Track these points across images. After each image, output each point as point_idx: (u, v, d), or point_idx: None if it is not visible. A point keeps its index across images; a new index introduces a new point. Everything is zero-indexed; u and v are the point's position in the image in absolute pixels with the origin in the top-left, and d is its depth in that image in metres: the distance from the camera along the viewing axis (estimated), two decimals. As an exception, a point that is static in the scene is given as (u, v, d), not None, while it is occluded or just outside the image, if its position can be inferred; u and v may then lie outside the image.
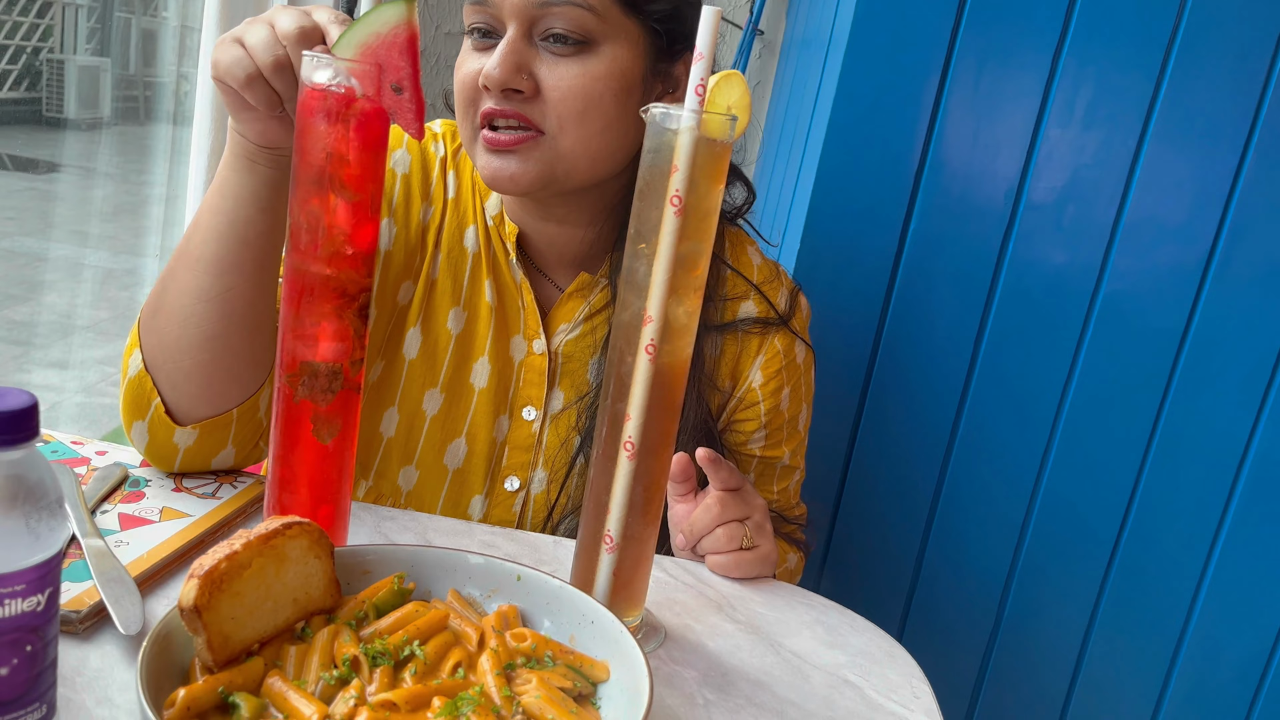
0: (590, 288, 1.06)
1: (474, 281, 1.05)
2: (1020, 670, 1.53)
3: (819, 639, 0.85)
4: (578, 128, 0.94)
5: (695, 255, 0.74)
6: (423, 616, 0.67)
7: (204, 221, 0.85)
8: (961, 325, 1.42)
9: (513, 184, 0.95)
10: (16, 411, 0.49)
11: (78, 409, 2.99)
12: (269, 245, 0.87)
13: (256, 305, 0.87)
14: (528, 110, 0.93)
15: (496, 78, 0.91)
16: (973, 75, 1.35)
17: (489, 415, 1.05)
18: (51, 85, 6.77)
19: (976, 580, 1.50)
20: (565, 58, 0.93)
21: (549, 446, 1.06)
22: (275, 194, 0.85)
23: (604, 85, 0.94)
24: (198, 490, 0.89)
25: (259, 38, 0.77)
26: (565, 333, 1.06)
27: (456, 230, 1.05)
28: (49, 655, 0.54)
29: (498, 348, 1.05)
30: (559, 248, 1.06)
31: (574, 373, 1.06)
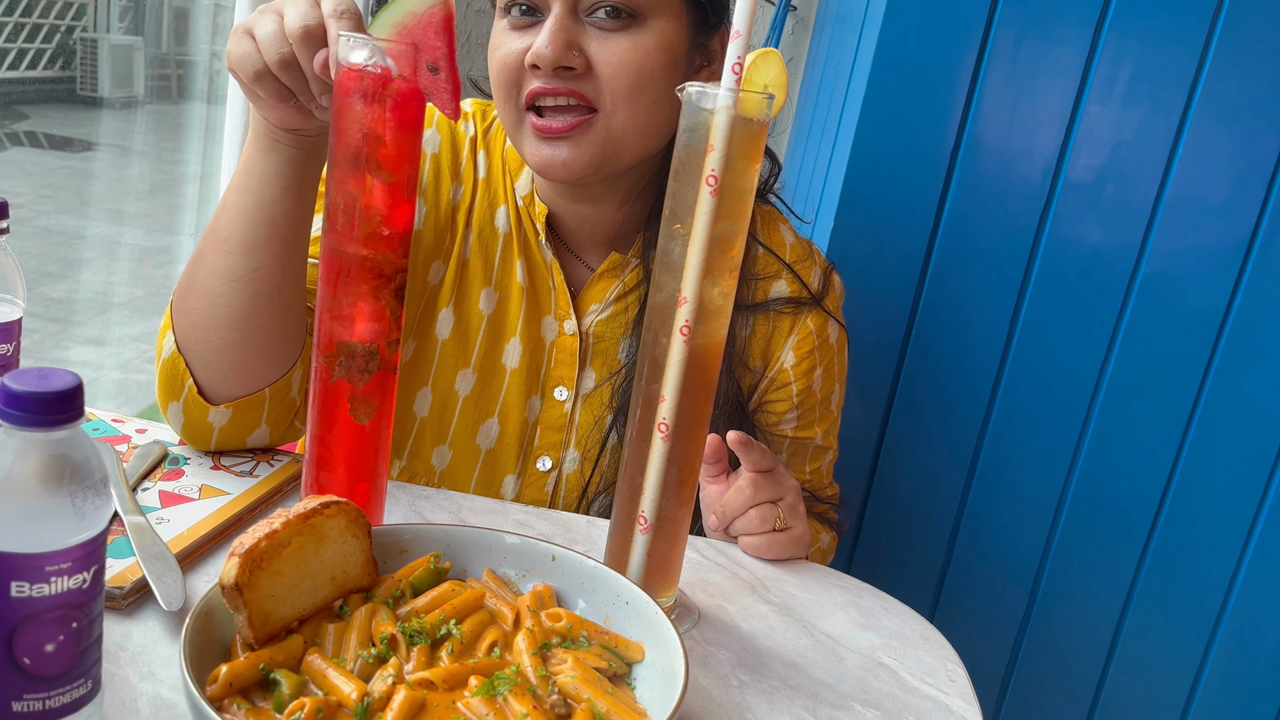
0: (621, 267, 1.06)
1: (505, 262, 1.05)
2: (1053, 654, 1.52)
3: (853, 621, 0.85)
4: (630, 104, 0.93)
5: (731, 236, 0.74)
6: (459, 596, 0.68)
7: (231, 202, 0.86)
8: (996, 305, 1.41)
9: (567, 171, 0.94)
10: (62, 392, 0.50)
11: (115, 385, 3.04)
12: (296, 225, 0.87)
13: (285, 284, 0.88)
14: (580, 87, 0.92)
15: (549, 55, 0.89)
16: (1011, 50, 1.33)
17: (521, 395, 1.05)
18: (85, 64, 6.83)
19: (1009, 562, 1.50)
20: (614, 32, 0.91)
21: (581, 426, 1.06)
22: (300, 173, 0.85)
23: (654, 59, 0.93)
24: (235, 468, 0.90)
25: (267, 32, 0.77)
26: (596, 313, 1.06)
27: (487, 210, 1.05)
28: (94, 631, 0.54)
29: (529, 328, 1.05)
30: (590, 227, 1.05)
31: (605, 352, 1.06)
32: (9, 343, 0.78)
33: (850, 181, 1.38)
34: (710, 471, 0.94)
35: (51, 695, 0.53)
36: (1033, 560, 1.49)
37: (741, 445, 0.89)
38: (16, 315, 0.79)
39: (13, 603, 0.50)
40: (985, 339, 1.42)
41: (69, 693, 0.54)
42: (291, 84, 0.78)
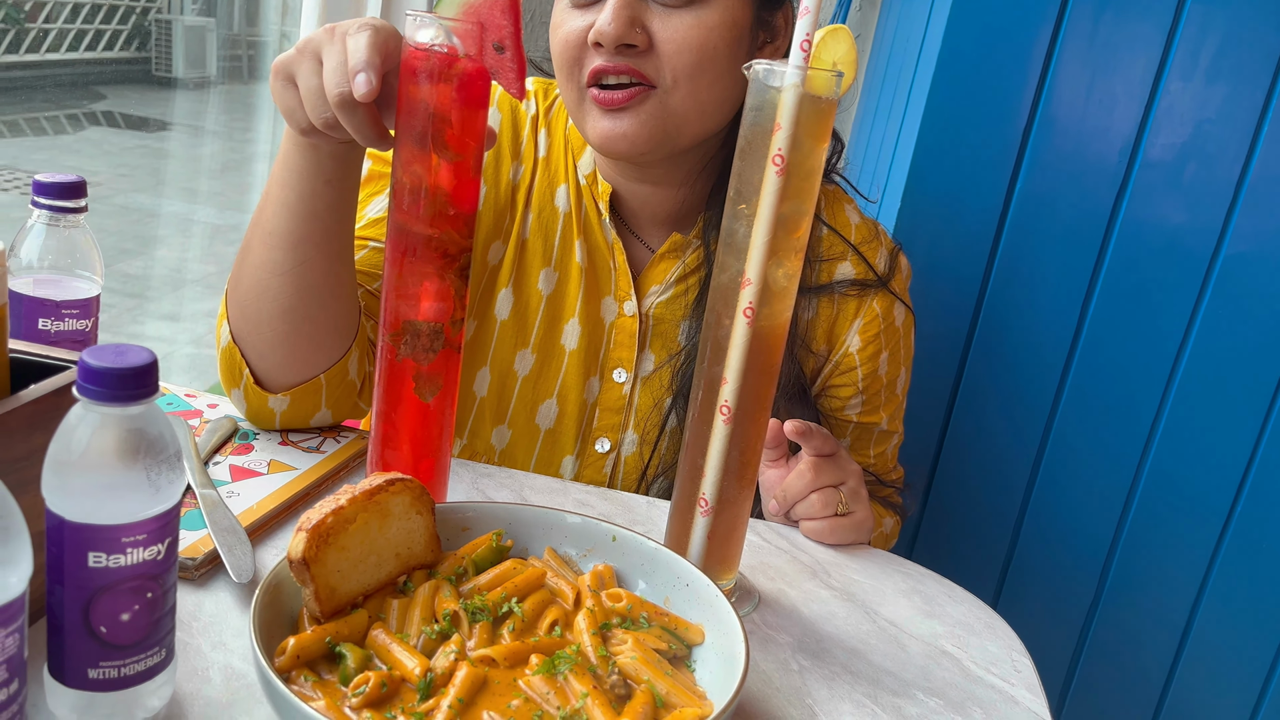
0: (682, 249, 1.05)
1: (565, 242, 1.05)
2: (1120, 646, 1.49)
3: (916, 608, 0.84)
4: (691, 81, 0.92)
5: (797, 216, 0.73)
6: (520, 574, 0.68)
7: (273, 195, 0.84)
8: (1068, 287, 1.37)
9: (629, 144, 0.93)
10: (138, 368, 0.51)
11: (187, 360, 3.12)
12: (339, 216, 0.85)
13: (331, 275, 0.87)
14: (641, 65, 0.91)
15: (611, 33, 0.89)
16: (1088, 24, 1.29)
17: (579, 376, 1.05)
18: (160, 45, 6.98)
19: (1076, 551, 1.46)
20: (677, 9, 0.91)
21: (640, 409, 1.06)
22: (341, 167, 0.83)
23: (718, 36, 0.92)
24: (303, 444, 0.92)
25: (309, 87, 0.74)
26: (657, 294, 1.05)
27: (547, 189, 1.05)
28: (168, 602, 0.56)
29: (588, 309, 1.05)
30: (652, 208, 1.05)
31: (665, 334, 1.06)
32: (88, 318, 0.81)
33: (918, 161, 1.35)
34: (770, 456, 0.94)
35: (127, 663, 0.54)
36: (1101, 549, 1.46)
37: (800, 434, 0.88)
38: (95, 292, 0.81)
39: (90, 573, 0.52)
40: (1055, 323, 1.39)
41: (143, 660, 0.55)
42: (341, 137, 0.77)
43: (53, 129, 6.04)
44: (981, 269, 1.38)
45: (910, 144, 1.37)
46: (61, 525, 0.51)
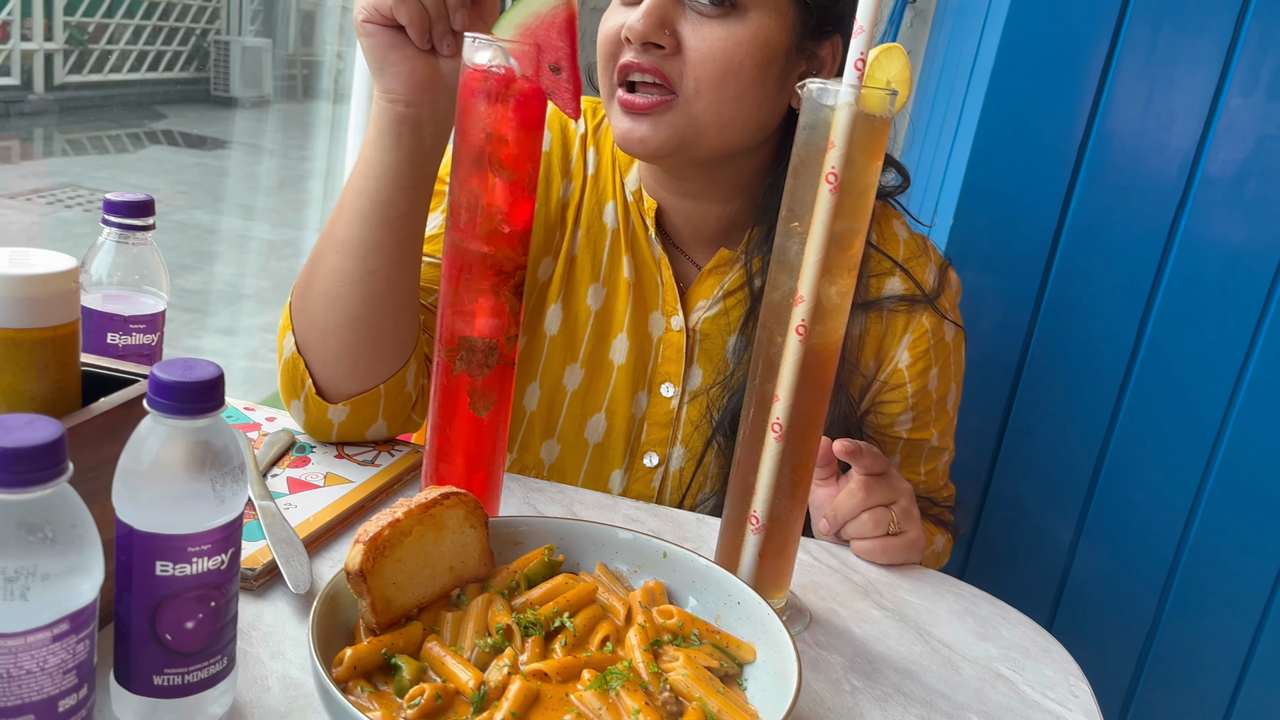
0: (729, 265, 1.05)
1: (613, 258, 1.05)
2: (1181, 671, 1.46)
3: (969, 629, 0.83)
4: (713, 92, 0.92)
5: (850, 234, 0.72)
6: (572, 589, 0.69)
7: (348, 204, 0.88)
8: (1125, 305, 1.35)
9: (642, 146, 0.94)
10: (206, 382, 0.52)
11: (243, 374, 3.18)
12: (411, 226, 0.88)
13: (399, 285, 0.89)
14: (665, 67, 0.92)
15: (639, 30, 0.90)
16: (1146, 40, 1.27)
17: (628, 391, 1.06)
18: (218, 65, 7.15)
19: (1135, 572, 1.44)
20: (711, 19, 0.91)
21: (687, 423, 1.06)
22: (417, 175, 0.87)
23: (745, 52, 0.92)
24: (358, 458, 0.93)
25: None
26: (704, 310, 1.06)
27: (596, 206, 1.06)
28: (230, 611, 0.57)
29: (635, 324, 1.05)
30: (696, 224, 1.05)
31: (712, 350, 1.06)
32: (154, 333, 0.83)
33: (971, 177, 1.34)
34: (820, 475, 0.93)
35: (190, 670, 0.56)
36: (1160, 570, 1.43)
37: (851, 453, 0.88)
38: (161, 307, 0.83)
39: (157, 581, 0.53)
40: (1112, 341, 1.36)
41: (206, 668, 0.56)
42: (430, 3, 0.80)
43: (115, 147, 6.21)
44: (1036, 286, 1.37)
45: (963, 160, 1.36)
46: (131, 534, 0.53)
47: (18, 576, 0.44)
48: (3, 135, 5.66)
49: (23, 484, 0.44)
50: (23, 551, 0.45)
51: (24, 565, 0.45)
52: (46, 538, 0.45)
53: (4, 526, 0.44)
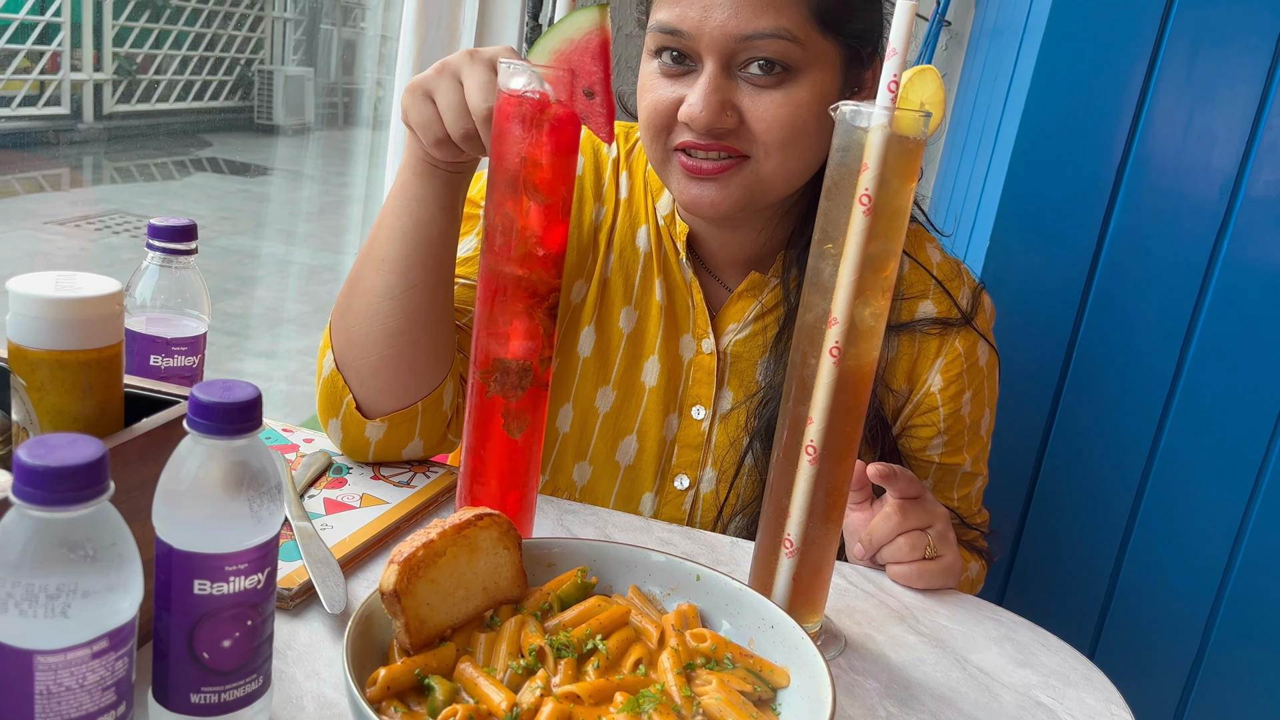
0: (760, 287, 1.05)
1: (645, 281, 1.06)
2: (1228, 702, 1.42)
3: (1008, 656, 0.82)
4: (782, 152, 0.93)
5: (884, 256, 0.72)
6: (605, 611, 0.69)
7: (387, 222, 0.90)
8: (1166, 328, 1.33)
9: (714, 210, 0.94)
10: (244, 403, 0.53)
11: (282, 396, 3.22)
12: (448, 243, 0.91)
13: (436, 300, 0.92)
14: (732, 141, 0.92)
15: (703, 120, 0.89)
16: (1185, 59, 1.26)
17: (659, 413, 1.06)
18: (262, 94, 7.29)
19: (1179, 599, 1.41)
20: (768, 88, 0.91)
21: (718, 446, 1.06)
22: (454, 195, 0.90)
23: (807, 111, 0.92)
24: (394, 479, 0.94)
25: (449, 103, 0.80)
26: (735, 332, 1.06)
27: (629, 230, 1.07)
28: (266, 630, 0.58)
29: (667, 347, 1.06)
30: (731, 249, 1.05)
31: (743, 373, 1.06)
32: (195, 355, 0.84)
33: (1007, 199, 1.34)
34: (854, 499, 0.93)
35: (227, 688, 0.56)
36: (1206, 598, 1.40)
37: (885, 477, 0.87)
38: (202, 329, 0.85)
39: (195, 600, 0.54)
40: (1153, 365, 1.34)
41: (243, 686, 0.57)
42: (471, 152, 0.83)
43: (161, 175, 6.34)
44: (1074, 310, 1.35)
45: (999, 182, 1.35)
46: (170, 553, 0.53)
47: (59, 594, 0.45)
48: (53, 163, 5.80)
49: (65, 502, 0.45)
50: (64, 569, 0.45)
51: (65, 582, 0.45)
52: (88, 555, 0.46)
53: (46, 544, 0.45)
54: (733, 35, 0.89)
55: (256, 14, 7.45)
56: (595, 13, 0.71)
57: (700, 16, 0.89)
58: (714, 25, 0.89)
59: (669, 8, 0.91)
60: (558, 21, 0.72)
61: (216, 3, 7.09)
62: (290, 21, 7.52)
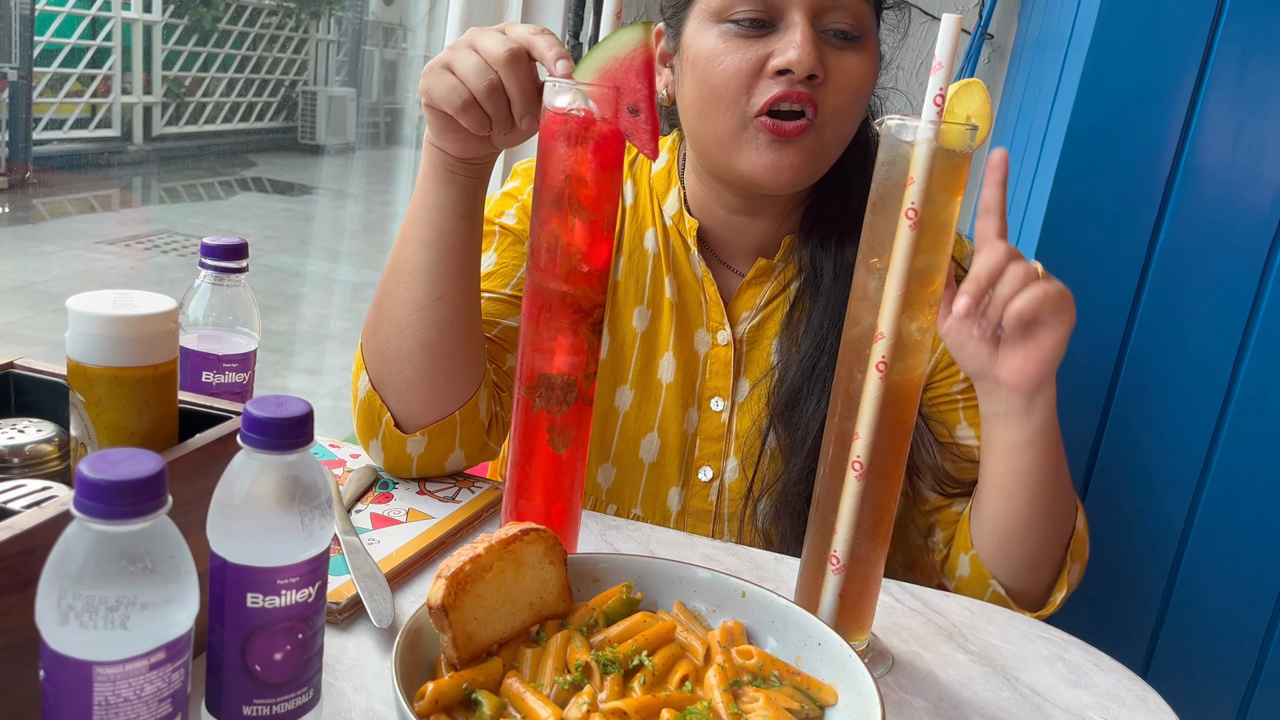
0: (768, 273, 1.07)
1: (655, 280, 1.08)
2: (1286, 725, 1.39)
3: (1060, 676, 0.80)
4: (845, 118, 0.97)
5: (931, 270, 0.72)
6: (651, 627, 0.68)
7: (411, 234, 0.91)
8: (1219, 343, 1.31)
9: (793, 174, 0.96)
10: (297, 418, 0.54)
11: (326, 412, 3.25)
12: (472, 250, 0.92)
13: (465, 309, 0.93)
14: (817, 95, 0.94)
15: (808, 63, 0.91)
16: (1236, 69, 1.24)
17: (678, 408, 1.07)
18: (305, 115, 7.41)
19: (1236, 619, 1.37)
20: (846, 50, 0.95)
21: (739, 434, 1.07)
22: (473, 201, 0.91)
23: (871, 80, 0.98)
24: (439, 494, 0.95)
25: (469, 64, 0.80)
26: (748, 320, 1.07)
27: (636, 234, 1.09)
28: (316, 643, 0.58)
29: (680, 342, 1.07)
30: (745, 238, 1.08)
31: (759, 358, 1.07)
32: (246, 371, 0.85)
33: (1053, 214, 1.32)
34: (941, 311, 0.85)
35: (278, 701, 0.57)
36: (1261, 618, 1.37)
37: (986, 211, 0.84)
38: (252, 346, 0.86)
39: (248, 613, 0.55)
40: (1205, 381, 1.32)
41: (293, 699, 0.57)
42: (495, 112, 0.81)
43: (208, 195, 6.46)
44: (1123, 325, 1.33)
45: (1044, 196, 1.34)
46: (224, 566, 0.54)
47: (119, 605, 0.46)
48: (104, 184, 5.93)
49: (126, 515, 0.46)
50: (124, 581, 0.46)
51: (125, 594, 0.46)
52: (146, 568, 0.47)
53: (107, 556, 0.46)
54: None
55: (301, 37, 7.58)
56: (640, 30, 0.72)
57: None
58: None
59: None
60: (603, 40, 0.73)
61: (262, 26, 7.23)
62: (333, 44, 7.65)
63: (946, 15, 0.68)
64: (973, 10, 2.25)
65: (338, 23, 7.36)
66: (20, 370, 0.70)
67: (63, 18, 5.45)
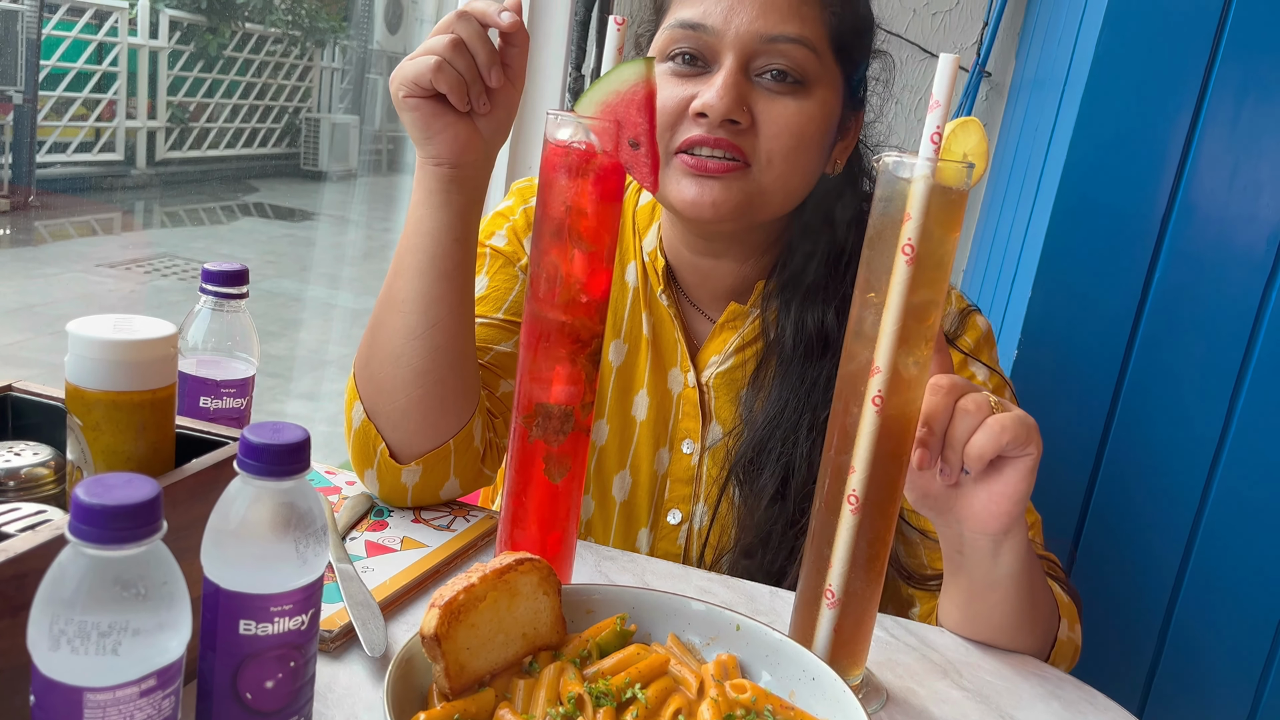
0: (741, 318, 1.06)
1: (633, 315, 1.08)
2: (1283, 767, 1.38)
3: (1054, 714, 0.80)
4: (785, 164, 0.95)
5: (927, 306, 0.72)
6: (644, 660, 0.68)
7: (405, 263, 0.91)
8: (1213, 383, 1.31)
9: (714, 211, 0.95)
10: (293, 445, 0.54)
11: (322, 438, 3.25)
12: (465, 277, 0.92)
13: (460, 336, 0.92)
14: (740, 141, 0.93)
15: (720, 108, 0.91)
16: (1230, 110, 1.25)
17: (650, 447, 1.06)
18: (308, 141, 7.46)
19: (1230, 659, 1.37)
20: (781, 95, 0.94)
21: (708, 480, 1.05)
22: (466, 226, 0.90)
23: (815, 127, 0.95)
24: (434, 522, 0.95)
25: (426, 42, 0.84)
26: (717, 365, 1.06)
27: (618, 266, 1.08)
28: (309, 672, 0.58)
29: (654, 379, 1.07)
30: (713, 281, 1.06)
31: (731, 404, 1.06)
32: (244, 397, 0.86)
33: (1049, 253, 1.33)
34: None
35: (268, 729, 0.56)
36: (1257, 658, 1.36)
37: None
38: (251, 372, 0.86)
39: (240, 639, 0.54)
40: (1200, 421, 1.32)
41: (284, 728, 0.57)
42: (465, 66, 0.83)
43: (210, 219, 6.49)
44: (1117, 365, 1.33)
45: (1040, 234, 1.35)
46: (217, 592, 0.54)
47: (110, 631, 0.46)
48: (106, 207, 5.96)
49: (121, 540, 0.46)
50: (117, 607, 0.46)
51: (117, 620, 0.46)
52: (139, 594, 0.47)
53: (101, 582, 0.46)
54: (757, 35, 0.92)
55: (305, 64, 7.65)
56: (642, 66, 0.73)
57: (726, 13, 0.92)
58: (740, 23, 0.92)
59: (693, 6, 0.94)
60: (605, 74, 0.74)
61: (267, 54, 7.30)
62: (338, 71, 7.72)
63: (944, 54, 0.69)
64: (970, 49, 2.28)
65: (342, 51, 7.42)
66: (18, 393, 0.70)
67: (69, 43, 5.50)
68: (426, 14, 2.43)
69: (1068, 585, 0.99)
